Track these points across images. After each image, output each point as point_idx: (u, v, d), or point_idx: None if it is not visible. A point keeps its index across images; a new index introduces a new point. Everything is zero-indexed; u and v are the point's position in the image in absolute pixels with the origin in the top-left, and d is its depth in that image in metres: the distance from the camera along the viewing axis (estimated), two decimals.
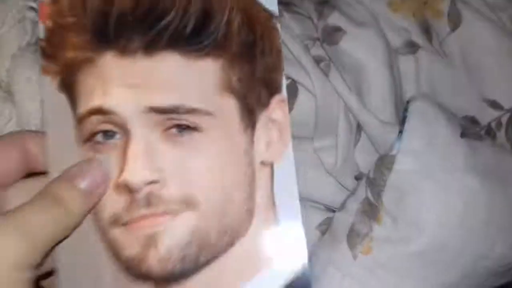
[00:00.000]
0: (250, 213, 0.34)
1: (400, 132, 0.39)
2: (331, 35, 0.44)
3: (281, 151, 0.34)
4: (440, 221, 0.37)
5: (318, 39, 0.45)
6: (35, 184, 0.31)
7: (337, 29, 0.44)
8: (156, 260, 0.32)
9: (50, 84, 0.34)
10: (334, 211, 0.44)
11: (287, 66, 0.43)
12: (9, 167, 0.32)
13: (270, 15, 0.35)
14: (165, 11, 0.32)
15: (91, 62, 0.33)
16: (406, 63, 0.46)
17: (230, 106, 0.33)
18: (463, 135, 0.39)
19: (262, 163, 0.34)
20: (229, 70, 0.33)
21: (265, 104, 0.34)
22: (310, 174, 0.44)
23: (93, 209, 0.32)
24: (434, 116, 0.39)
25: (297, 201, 0.34)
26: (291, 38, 0.44)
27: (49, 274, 0.32)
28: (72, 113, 0.33)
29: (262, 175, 0.34)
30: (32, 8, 0.44)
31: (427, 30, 0.47)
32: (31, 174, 0.33)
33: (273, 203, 0.34)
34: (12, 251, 0.26)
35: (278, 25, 0.35)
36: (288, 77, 0.44)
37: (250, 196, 0.34)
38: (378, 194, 0.39)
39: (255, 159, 0.34)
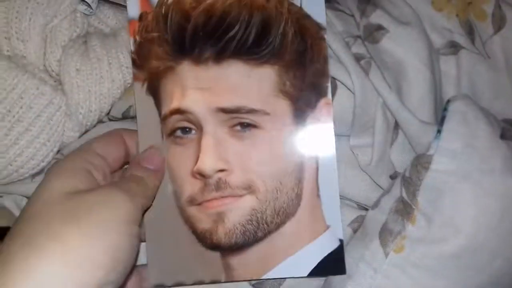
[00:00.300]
0: (298, 198, 0.41)
1: (439, 131, 0.39)
2: (373, 34, 0.44)
3: (325, 147, 0.41)
4: (477, 223, 0.37)
5: (359, 36, 0.45)
6: None
7: (379, 28, 0.44)
8: (224, 233, 0.40)
9: (141, 89, 0.42)
10: (366, 209, 0.44)
11: None
12: (119, 156, 0.40)
13: (319, 26, 0.42)
14: (231, 25, 0.39)
15: (171, 70, 0.40)
16: (447, 64, 0.45)
17: (284, 107, 0.40)
18: (502, 136, 0.39)
19: (309, 156, 0.41)
20: (284, 76, 0.40)
21: (313, 106, 0.41)
22: (345, 171, 0.44)
23: (160, 184, 0.40)
24: (474, 117, 0.39)
25: (337, 188, 0.41)
26: (332, 35, 0.44)
27: None
28: (157, 113, 0.41)
29: (308, 166, 0.41)
30: (83, 1, 0.46)
31: (470, 31, 0.46)
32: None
33: (318, 190, 0.41)
34: (124, 209, 0.33)
35: (326, 36, 0.42)
36: None
37: (299, 184, 0.41)
38: (413, 194, 0.39)
39: (304, 153, 0.41)
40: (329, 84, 0.41)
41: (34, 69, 0.45)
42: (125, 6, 0.48)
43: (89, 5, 0.46)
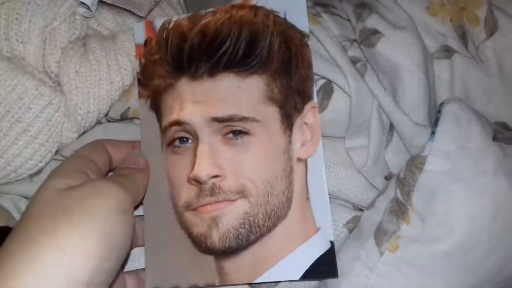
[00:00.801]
0: (289, 200, 0.42)
1: (432, 133, 0.40)
2: (369, 37, 0.44)
3: (313, 149, 0.42)
4: (470, 223, 0.37)
5: (355, 40, 0.46)
6: None
7: (375, 32, 0.44)
8: (218, 237, 0.41)
9: (144, 105, 0.45)
10: (362, 210, 0.44)
11: (323, 66, 0.44)
12: (105, 163, 0.42)
13: (302, 34, 0.43)
14: (223, 42, 0.42)
15: (171, 87, 0.43)
16: (441, 67, 0.46)
17: (272, 113, 0.42)
18: (495, 138, 0.39)
19: (298, 159, 0.42)
20: (271, 84, 0.42)
21: (300, 110, 0.42)
22: (341, 173, 0.45)
23: (148, 183, 0.43)
24: (467, 119, 0.40)
25: (326, 189, 0.41)
26: (329, 39, 0.45)
27: None
28: (158, 126, 0.44)
29: (298, 169, 0.42)
30: (82, 4, 0.46)
31: (463, 36, 0.47)
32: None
33: (307, 192, 0.42)
34: (115, 198, 0.35)
35: (309, 42, 0.43)
36: (323, 77, 0.45)
37: (289, 186, 0.42)
38: (407, 194, 0.40)
39: (293, 156, 0.42)
40: (314, 89, 0.43)
41: (33, 70, 0.45)
42: (123, 9, 0.49)
43: (88, 8, 0.47)
